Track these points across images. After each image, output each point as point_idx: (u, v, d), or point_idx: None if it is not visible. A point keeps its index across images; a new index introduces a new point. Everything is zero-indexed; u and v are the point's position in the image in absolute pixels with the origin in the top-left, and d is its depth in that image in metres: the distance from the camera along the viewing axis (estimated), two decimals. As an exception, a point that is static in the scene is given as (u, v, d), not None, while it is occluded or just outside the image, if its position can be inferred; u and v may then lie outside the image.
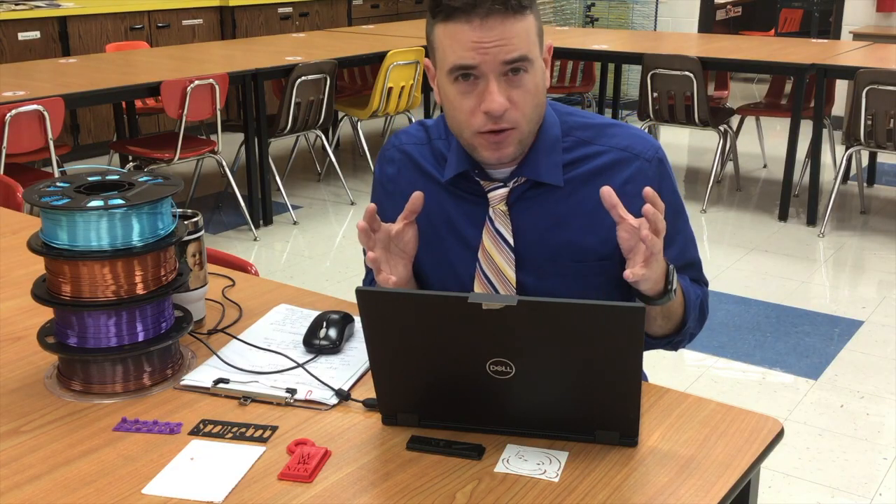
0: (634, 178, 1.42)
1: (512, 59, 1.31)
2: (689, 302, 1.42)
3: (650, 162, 1.43)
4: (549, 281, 1.44)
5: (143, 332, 1.31)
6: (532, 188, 1.43)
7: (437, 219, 1.48)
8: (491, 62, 1.31)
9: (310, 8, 7.51)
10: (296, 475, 1.12)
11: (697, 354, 3.36)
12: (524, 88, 1.34)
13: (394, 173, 1.53)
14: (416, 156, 1.51)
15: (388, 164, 1.54)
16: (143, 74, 4.49)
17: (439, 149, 1.49)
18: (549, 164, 1.42)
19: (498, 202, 1.44)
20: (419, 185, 1.46)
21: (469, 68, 1.32)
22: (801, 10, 8.99)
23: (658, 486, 1.10)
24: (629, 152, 1.43)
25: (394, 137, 1.56)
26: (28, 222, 2.05)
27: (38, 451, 1.18)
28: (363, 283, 1.63)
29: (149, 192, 1.29)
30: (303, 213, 5.09)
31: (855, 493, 2.53)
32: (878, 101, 4.38)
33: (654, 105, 5.01)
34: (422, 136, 1.52)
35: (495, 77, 1.32)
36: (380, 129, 6.68)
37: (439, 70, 1.38)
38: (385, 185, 1.54)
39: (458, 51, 1.31)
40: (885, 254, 4.43)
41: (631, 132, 1.46)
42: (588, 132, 1.45)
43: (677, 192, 1.48)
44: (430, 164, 1.49)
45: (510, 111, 1.33)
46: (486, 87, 1.32)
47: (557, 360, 1.14)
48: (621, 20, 7.89)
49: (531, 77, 1.34)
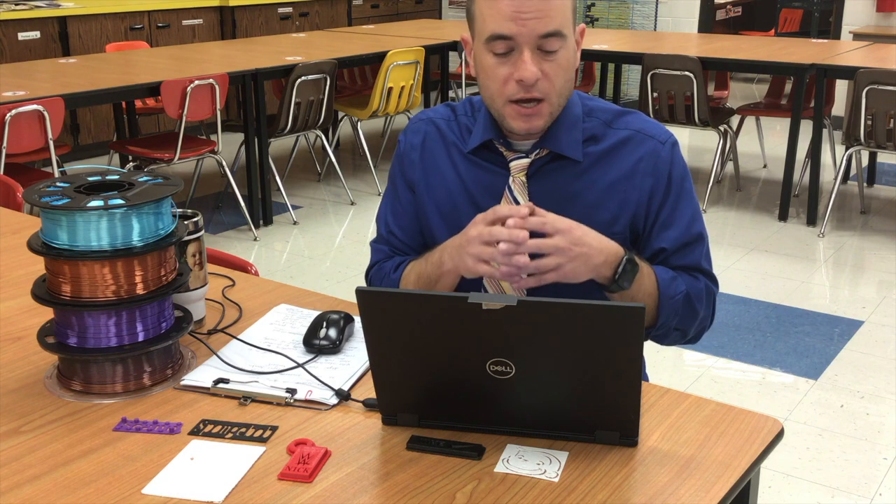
0: (647, 157, 1.49)
1: (548, 31, 1.37)
2: (662, 297, 1.44)
3: (664, 144, 1.50)
4: None
5: (143, 332, 1.31)
6: (552, 161, 1.50)
7: (457, 190, 1.54)
8: (527, 33, 1.37)
9: (310, 8, 7.51)
10: (296, 475, 1.12)
11: (697, 354, 3.36)
12: (556, 62, 1.40)
13: (419, 142, 1.59)
14: (444, 127, 1.58)
15: (414, 134, 1.61)
16: (143, 74, 4.49)
17: (465, 124, 1.57)
18: (569, 139, 1.49)
19: (518, 171, 1.49)
20: (442, 154, 1.56)
21: (506, 37, 1.38)
22: (801, 10, 8.99)
23: (658, 486, 1.10)
24: (644, 133, 1.51)
25: (421, 113, 1.64)
26: (28, 222, 2.05)
27: (38, 451, 1.18)
28: (366, 278, 1.64)
29: (149, 192, 1.29)
30: (303, 213, 5.09)
31: (855, 493, 2.53)
32: (878, 101, 4.38)
33: (654, 105, 5.01)
34: (448, 114, 1.60)
35: (530, 48, 1.38)
36: (380, 129, 6.68)
37: (477, 40, 1.44)
38: (409, 154, 1.60)
39: (497, 20, 1.38)
40: (885, 254, 4.43)
41: (647, 119, 1.54)
42: (607, 115, 1.53)
43: (687, 175, 1.53)
44: (456, 135, 1.57)
45: (542, 82, 1.40)
46: (520, 57, 1.38)
47: (557, 360, 1.14)
48: (621, 20, 7.89)
49: (564, 52, 1.40)
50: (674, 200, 1.50)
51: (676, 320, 1.47)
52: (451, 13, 8.78)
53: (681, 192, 1.51)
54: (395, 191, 1.62)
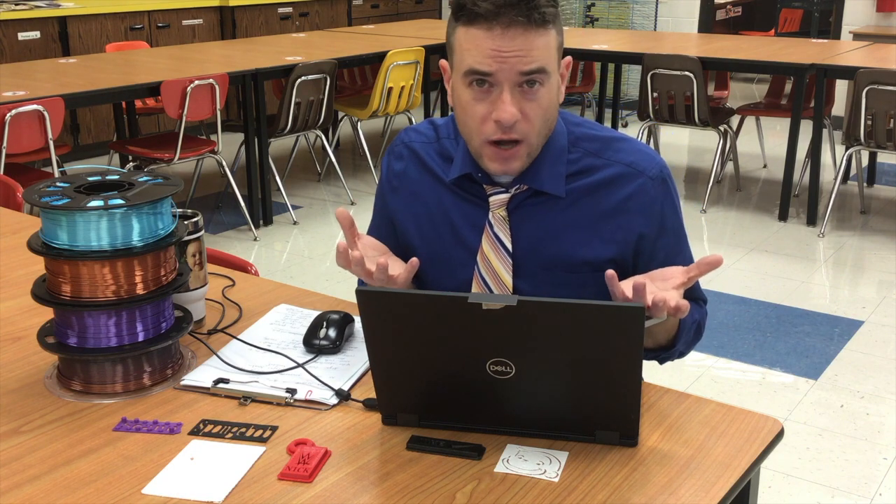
0: (636, 195, 1.42)
1: (528, 70, 1.31)
2: (682, 326, 1.43)
3: (654, 180, 1.43)
4: (542, 289, 1.44)
5: (143, 332, 1.31)
6: (533, 196, 1.44)
7: (439, 217, 1.49)
8: (507, 71, 1.31)
9: (310, 8, 7.51)
10: (296, 475, 1.12)
11: (697, 354, 3.36)
12: (537, 102, 1.34)
13: (401, 169, 1.54)
14: (423, 154, 1.52)
15: (397, 160, 1.56)
16: (143, 74, 4.49)
17: (447, 148, 1.50)
18: (552, 173, 1.42)
19: (498, 207, 1.44)
20: (424, 182, 1.50)
21: (485, 75, 1.32)
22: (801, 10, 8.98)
23: (658, 486, 1.10)
24: (633, 168, 1.43)
25: (403, 133, 1.57)
26: (28, 222, 2.05)
27: (38, 451, 1.18)
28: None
29: (149, 192, 1.29)
30: (303, 213, 5.09)
31: (855, 493, 2.53)
32: (878, 101, 4.38)
33: (654, 105, 5.01)
34: (431, 135, 1.53)
35: (510, 87, 1.32)
36: (380, 129, 6.68)
37: (455, 72, 1.38)
38: (391, 181, 1.56)
39: (476, 56, 1.31)
40: (885, 254, 4.43)
41: (637, 148, 1.46)
42: (594, 144, 1.45)
43: (679, 212, 1.48)
44: (436, 162, 1.50)
45: (520, 123, 1.34)
46: (500, 96, 1.32)
47: (557, 360, 1.14)
48: (621, 20, 7.89)
49: (546, 91, 1.34)
50: (673, 241, 1.46)
51: (685, 345, 1.48)
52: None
53: (678, 232, 1.47)
54: (377, 216, 1.60)
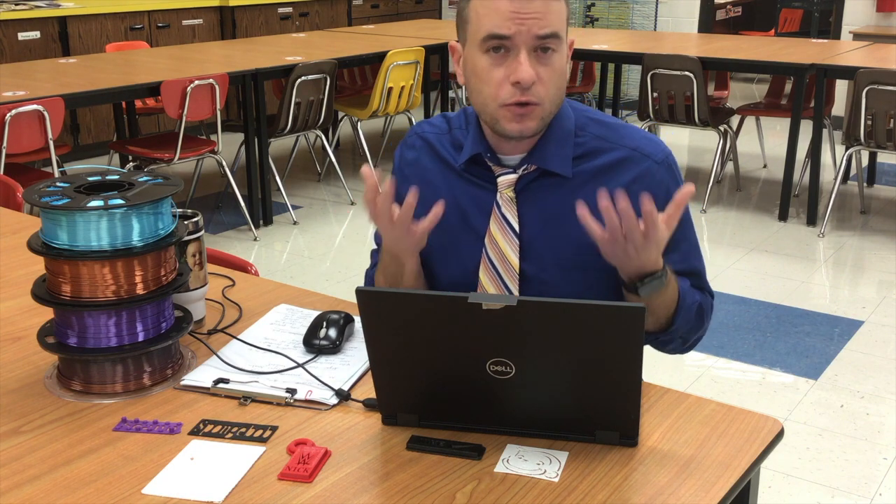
0: (642, 178, 1.44)
1: (545, 34, 1.35)
2: (682, 303, 1.43)
3: (659, 164, 1.46)
4: (549, 271, 1.46)
5: (143, 332, 1.31)
6: (540, 177, 1.46)
7: (449, 203, 1.51)
8: (525, 34, 1.35)
9: (310, 8, 7.51)
10: (296, 475, 1.12)
11: (697, 354, 3.36)
12: (551, 67, 1.38)
13: (413, 158, 1.58)
14: (436, 143, 1.56)
15: (409, 149, 1.60)
16: (143, 74, 4.49)
17: (458, 138, 1.54)
18: (559, 154, 1.45)
19: (506, 187, 1.47)
20: (436, 170, 1.54)
21: (503, 38, 1.36)
22: (801, 10, 8.98)
23: (658, 486, 1.10)
24: (639, 152, 1.46)
25: (417, 126, 1.62)
26: (28, 222, 2.05)
27: (38, 451, 1.18)
28: (365, 279, 1.64)
29: (149, 192, 1.29)
30: (303, 213, 5.09)
31: (855, 493, 2.53)
32: (878, 101, 4.38)
33: (654, 105, 5.01)
34: (443, 126, 1.58)
35: (526, 50, 1.36)
36: (380, 129, 6.68)
37: (469, 44, 1.41)
38: (403, 169, 1.59)
39: (494, 20, 1.35)
40: (885, 254, 4.43)
41: (643, 134, 1.50)
42: (601, 129, 1.49)
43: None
44: (448, 151, 1.54)
45: (537, 85, 1.37)
46: (517, 58, 1.36)
47: (557, 360, 1.14)
48: (621, 20, 7.89)
49: (559, 57, 1.39)
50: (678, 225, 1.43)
51: (686, 328, 1.47)
52: (452, 13, 8.78)
53: (684, 216, 1.44)
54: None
